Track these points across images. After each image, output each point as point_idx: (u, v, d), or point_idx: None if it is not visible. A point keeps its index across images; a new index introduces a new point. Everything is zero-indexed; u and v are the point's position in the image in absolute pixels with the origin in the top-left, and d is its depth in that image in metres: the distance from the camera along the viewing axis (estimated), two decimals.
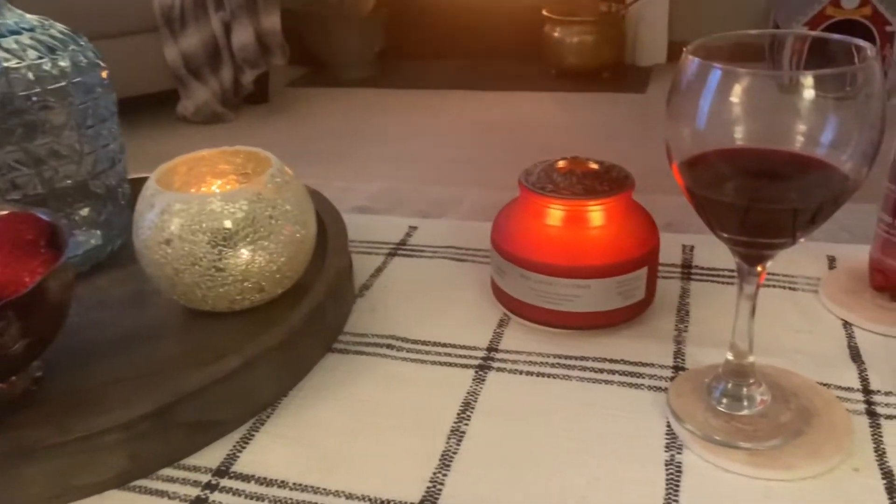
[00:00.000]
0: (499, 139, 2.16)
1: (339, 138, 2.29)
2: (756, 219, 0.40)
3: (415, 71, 2.82)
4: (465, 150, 2.10)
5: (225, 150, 0.61)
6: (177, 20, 2.25)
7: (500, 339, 0.55)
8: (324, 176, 2.07)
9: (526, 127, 2.26)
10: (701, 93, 0.38)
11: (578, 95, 2.53)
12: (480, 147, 2.12)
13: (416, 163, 2.07)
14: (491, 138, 2.17)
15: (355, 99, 2.61)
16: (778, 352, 0.52)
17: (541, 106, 2.48)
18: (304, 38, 2.70)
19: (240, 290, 0.54)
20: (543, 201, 0.53)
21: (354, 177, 1.98)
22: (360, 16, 2.72)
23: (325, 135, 2.33)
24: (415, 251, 0.68)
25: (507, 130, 2.23)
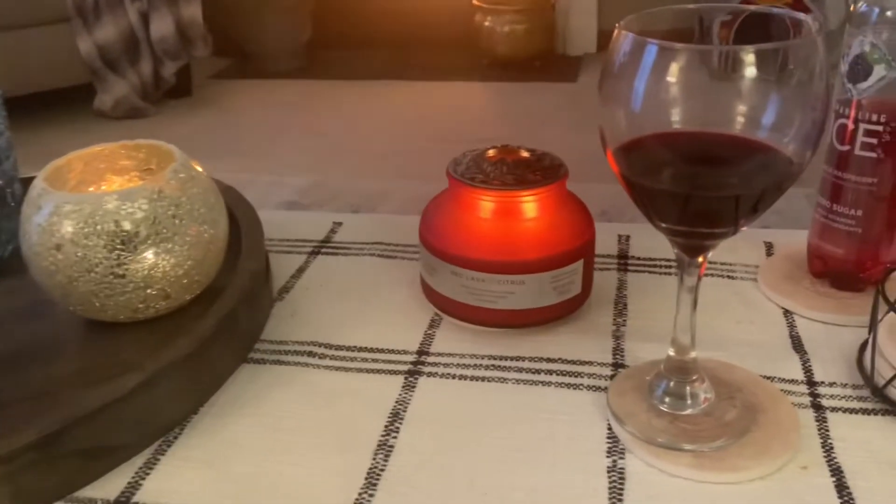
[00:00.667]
0: (430, 130, 2.12)
1: (266, 131, 2.22)
2: (696, 207, 0.37)
3: (343, 61, 2.75)
4: (396, 142, 2.06)
5: (125, 143, 0.55)
6: (90, 10, 2.14)
7: (430, 342, 0.51)
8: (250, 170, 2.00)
9: (458, 117, 2.23)
10: (636, 72, 0.35)
11: (510, 85, 2.51)
12: (412, 138, 2.08)
13: (347, 155, 2.01)
14: (422, 129, 2.13)
15: (283, 90, 2.54)
16: (719, 344, 0.49)
17: (472, 96, 2.45)
18: (227, 28, 2.61)
19: (143, 298, 0.49)
20: (473, 193, 0.49)
21: (283, 171, 1.91)
22: (286, 5, 2.63)
23: (252, 128, 2.25)
24: (339, 249, 0.63)
25: (438, 121, 2.19)
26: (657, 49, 0.34)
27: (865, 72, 0.48)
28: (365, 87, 2.53)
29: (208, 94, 2.52)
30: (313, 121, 2.28)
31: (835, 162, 0.51)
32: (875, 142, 0.49)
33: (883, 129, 0.48)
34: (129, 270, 0.48)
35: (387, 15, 2.82)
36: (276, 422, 0.45)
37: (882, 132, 0.48)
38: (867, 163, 0.49)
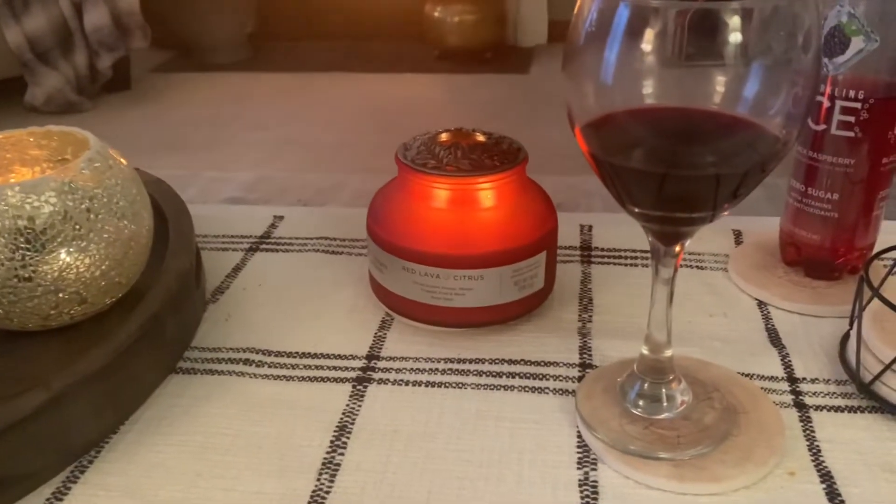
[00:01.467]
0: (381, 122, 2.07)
1: (209, 126, 2.14)
2: (673, 189, 0.33)
3: (290, 53, 2.67)
4: (345, 135, 2.00)
5: (33, 130, 0.49)
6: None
7: (381, 345, 0.47)
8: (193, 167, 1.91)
9: (409, 109, 2.18)
10: (606, 36, 0.31)
11: (461, 77, 2.47)
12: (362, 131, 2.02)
13: (294, 149, 1.95)
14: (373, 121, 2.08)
15: (227, 83, 2.45)
16: (693, 340, 0.46)
17: (423, 87, 2.40)
18: (168, 19, 2.51)
19: (54, 304, 0.43)
20: (425, 180, 0.45)
21: (227, 166, 1.83)
22: None
23: (195, 122, 2.16)
24: (280, 245, 0.58)
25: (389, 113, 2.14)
26: (630, 9, 0.30)
27: (842, 44, 0.44)
28: (312, 79, 2.47)
29: (148, 88, 2.43)
30: (259, 114, 2.21)
31: (809, 143, 0.48)
32: (852, 120, 0.46)
33: (861, 106, 0.45)
34: (37, 272, 0.42)
35: (334, 6, 2.75)
36: (206, 440, 0.40)
37: (860, 110, 0.45)
38: (844, 143, 0.46)
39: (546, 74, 2.46)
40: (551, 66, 2.53)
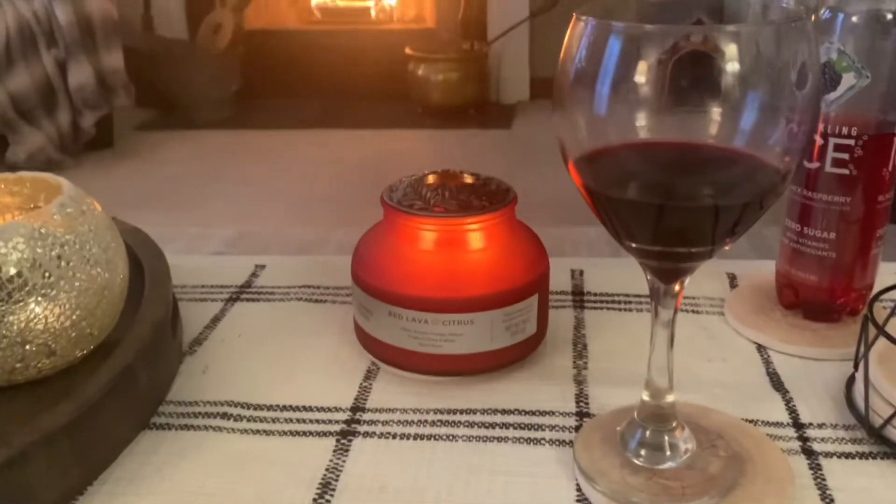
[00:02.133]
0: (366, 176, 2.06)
1: (192, 182, 2.12)
2: (670, 222, 0.32)
3: (275, 111, 2.69)
4: (330, 189, 2.00)
5: (5, 176, 0.48)
6: (2, 58, 2.03)
7: (366, 396, 0.44)
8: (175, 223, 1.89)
9: (393, 164, 2.18)
10: (599, 64, 0.30)
11: (445, 132, 2.49)
12: (346, 185, 2.01)
13: (278, 204, 1.93)
14: (357, 176, 2.08)
15: (211, 141, 2.45)
16: (692, 386, 0.44)
17: (408, 143, 2.41)
18: (153, 78, 2.52)
19: (20, 356, 0.41)
20: (412, 221, 0.43)
21: (210, 222, 1.82)
22: (213, 54, 2.57)
23: (178, 179, 2.15)
24: (262, 294, 0.56)
25: (374, 167, 2.14)
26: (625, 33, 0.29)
27: (833, 81, 0.44)
28: (297, 135, 2.48)
29: (131, 146, 2.42)
30: (243, 170, 2.21)
31: (803, 181, 0.47)
32: (846, 157, 0.45)
33: (854, 143, 0.44)
34: (3, 322, 0.40)
35: (320, 65, 2.78)
36: (181, 499, 0.37)
37: (854, 146, 0.44)
38: (838, 181, 0.46)
39: (529, 129, 2.49)
40: (534, 122, 2.56)
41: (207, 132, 2.52)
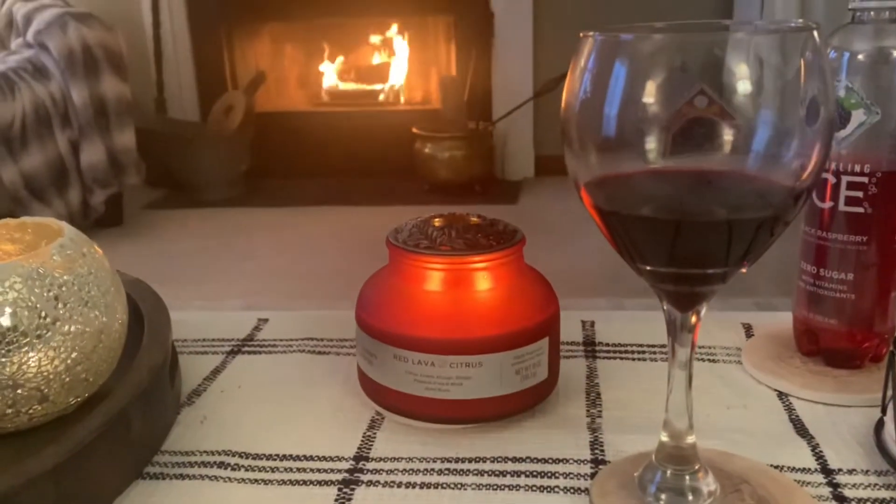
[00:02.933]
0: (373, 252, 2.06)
1: (200, 259, 2.13)
2: (683, 241, 0.31)
3: (284, 189, 2.72)
4: (337, 264, 1.99)
5: (7, 222, 0.47)
6: (17, 139, 2.07)
7: (370, 445, 0.42)
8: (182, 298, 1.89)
9: None
10: (608, 79, 0.29)
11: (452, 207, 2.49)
12: (353, 261, 2.01)
13: (285, 279, 1.93)
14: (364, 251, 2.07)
15: (219, 218, 2.47)
16: (712, 433, 0.42)
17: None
18: (164, 159, 2.56)
19: (11, 401, 0.39)
20: (417, 261, 0.42)
21: (217, 297, 1.81)
22: (224, 135, 2.62)
23: (185, 256, 2.15)
24: (264, 347, 0.55)
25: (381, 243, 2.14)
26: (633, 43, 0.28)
27: (843, 119, 0.43)
28: (305, 212, 2.49)
29: (140, 224, 2.44)
30: (250, 246, 2.21)
31: (817, 221, 0.46)
32: (861, 195, 0.44)
33: (868, 180, 0.44)
34: None
35: (328, 144, 2.83)
36: None
37: (867, 184, 0.44)
38: (854, 219, 0.45)
39: (535, 204, 2.50)
40: (540, 197, 2.58)
41: (216, 210, 2.54)
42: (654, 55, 0.29)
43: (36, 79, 2.09)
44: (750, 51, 0.29)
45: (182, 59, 2.74)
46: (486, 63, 2.73)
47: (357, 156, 2.82)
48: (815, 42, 0.29)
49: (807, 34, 0.28)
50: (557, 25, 2.65)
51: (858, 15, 0.44)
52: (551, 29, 2.66)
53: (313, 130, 2.85)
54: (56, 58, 2.10)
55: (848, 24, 0.44)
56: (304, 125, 2.87)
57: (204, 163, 2.61)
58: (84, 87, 2.10)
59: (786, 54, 0.29)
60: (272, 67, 2.89)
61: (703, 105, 0.29)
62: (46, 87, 2.10)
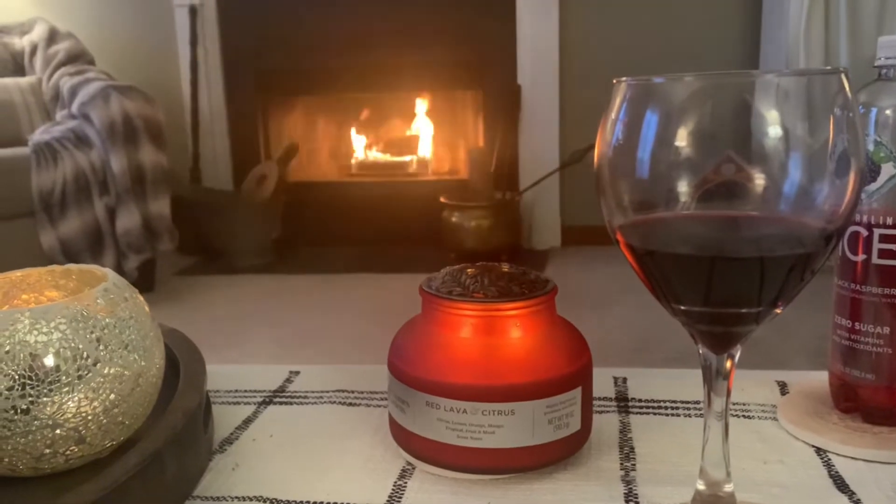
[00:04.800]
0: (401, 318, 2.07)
1: (230, 324, 2.15)
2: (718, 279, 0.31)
3: (313, 257, 2.75)
4: (365, 329, 2.00)
5: (54, 269, 0.49)
6: (56, 205, 2.13)
7: (401, 495, 0.42)
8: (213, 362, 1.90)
9: None
10: (640, 123, 0.30)
11: None
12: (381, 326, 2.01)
13: (314, 344, 1.94)
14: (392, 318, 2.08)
15: (249, 285, 2.50)
16: (750, 486, 0.41)
17: None
18: (197, 226, 2.62)
19: (49, 441, 0.40)
20: (451, 308, 0.43)
21: (246, 361, 1.82)
22: (256, 203, 2.68)
23: (216, 321, 2.17)
24: (295, 398, 0.55)
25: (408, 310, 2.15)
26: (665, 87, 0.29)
27: (873, 172, 0.44)
28: (334, 280, 2.52)
29: (172, 290, 2.48)
30: (280, 312, 2.23)
31: (850, 274, 0.46)
32: (894, 248, 0.44)
33: None
34: (36, 403, 0.39)
35: (356, 213, 2.87)
36: None
37: None
38: (887, 272, 0.44)
39: (562, 273, 2.50)
40: (566, 267, 2.58)
41: (246, 277, 2.58)
42: (685, 99, 0.30)
43: (78, 148, 2.17)
44: (778, 94, 0.29)
45: (218, 130, 2.83)
46: (513, 134, 2.78)
47: (385, 225, 2.86)
48: (844, 86, 0.29)
49: (835, 77, 0.29)
50: (583, 98, 2.70)
51: (884, 72, 0.44)
52: (577, 101, 2.72)
53: (343, 200, 2.90)
54: (98, 128, 2.18)
55: (875, 80, 0.45)
56: (335, 195, 2.92)
57: (236, 230, 2.66)
58: (123, 155, 2.17)
59: (814, 98, 0.30)
60: (304, 139, 2.96)
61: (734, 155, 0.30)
62: (87, 156, 2.17)
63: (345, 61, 2.77)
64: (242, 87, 2.81)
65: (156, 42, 2.81)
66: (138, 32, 2.82)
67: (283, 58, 2.78)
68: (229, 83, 2.82)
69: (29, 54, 2.55)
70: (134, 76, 2.53)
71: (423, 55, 2.76)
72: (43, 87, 2.48)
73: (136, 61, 2.79)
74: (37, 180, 2.11)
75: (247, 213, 2.67)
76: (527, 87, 2.73)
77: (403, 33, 2.73)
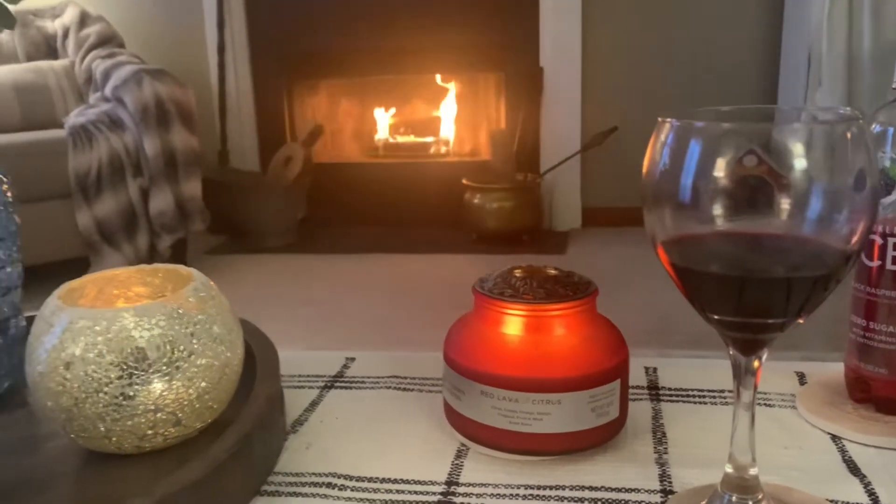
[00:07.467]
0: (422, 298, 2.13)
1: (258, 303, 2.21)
2: (749, 295, 0.36)
3: (337, 237, 2.81)
4: (389, 309, 2.06)
5: (142, 268, 0.54)
6: (92, 186, 2.20)
7: (459, 472, 0.47)
8: None
9: (450, 286, 2.24)
10: (680, 169, 0.35)
11: (499, 257, 2.56)
12: (404, 306, 2.07)
13: (340, 323, 2.00)
14: (414, 298, 2.14)
15: (276, 264, 2.57)
16: (770, 469, 0.46)
17: (463, 266, 2.48)
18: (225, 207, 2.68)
19: (152, 423, 0.46)
20: (504, 307, 0.48)
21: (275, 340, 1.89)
22: (282, 185, 2.73)
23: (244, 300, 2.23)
24: (353, 383, 0.60)
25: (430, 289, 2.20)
26: (704, 130, 0.34)
27: (888, 187, 0.48)
28: (356, 260, 2.57)
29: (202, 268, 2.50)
30: (306, 292, 2.29)
31: (866, 278, 0.50)
32: None
33: None
34: (141, 391, 0.45)
35: (379, 194, 2.92)
36: None
37: None
38: None
39: (582, 254, 2.54)
40: (587, 248, 2.62)
41: (273, 256, 2.64)
42: (722, 138, 0.34)
43: (112, 130, 2.23)
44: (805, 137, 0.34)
45: (245, 112, 2.88)
46: (534, 116, 2.81)
47: (407, 205, 2.91)
48: (861, 127, 0.34)
49: (854, 122, 0.34)
50: (605, 81, 2.73)
51: None
52: (600, 84, 2.74)
53: (366, 181, 2.95)
54: (131, 111, 2.24)
55: (892, 101, 0.49)
56: (358, 176, 2.97)
57: (263, 211, 2.71)
58: (156, 138, 2.23)
59: (834, 137, 0.34)
60: (329, 121, 3.01)
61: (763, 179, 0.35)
62: (121, 139, 2.23)
63: (369, 43, 2.80)
64: (268, 70, 2.86)
65: (183, 25, 2.86)
66: (166, 15, 2.86)
67: (309, 40, 2.82)
68: (256, 66, 2.86)
69: (61, 37, 2.61)
70: (162, 59, 2.58)
71: (446, 37, 2.79)
72: (75, 69, 2.54)
73: (164, 44, 2.84)
74: (73, 162, 2.18)
75: (273, 195, 2.73)
76: (549, 69, 2.76)
77: (427, 16, 2.76)
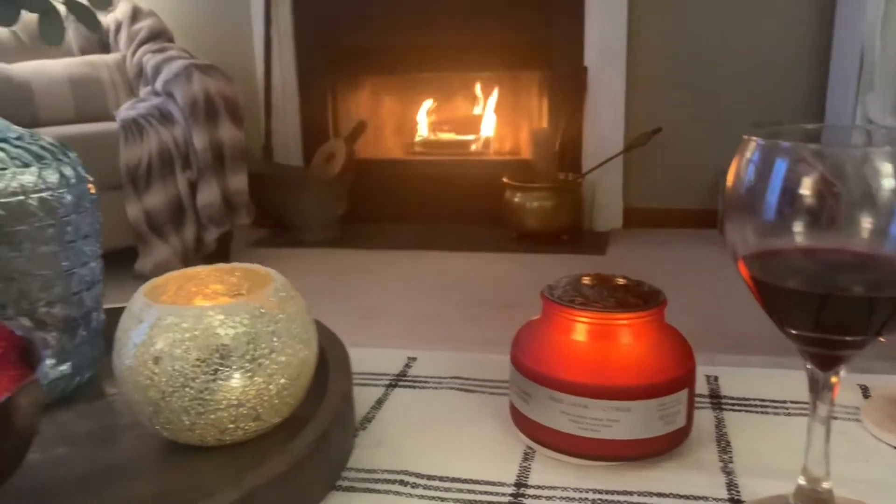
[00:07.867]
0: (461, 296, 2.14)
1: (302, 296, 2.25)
2: (829, 312, 0.36)
3: (378, 233, 2.84)
4: (430, 307, 2.07)
5: (220, 267, 0.56)
6: (142, 178, 2.25)
7: (527, 474, 0.49)
8: None
9: (490, 284, 2.26)
10: (767, 178, 0.35)
11: (539, 256, 2.56)
12: (442, 304, 2.09)
13: (381, 320, 2.02)
14: (453, 296, 2.15)
15: (317, 258, 2.60)
16: (839, 482, 0.46)
17: (502, 265, 2.49)
18: (267, 201, 2.72)
19: (233, 418, 0.47)
20: (574, 315, 0.48)
21: None
22: (324, 180, 2.76)
23: None
24: (417, 382, 0.62)
25: (469, 287, 2.21)
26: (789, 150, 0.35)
27: None
28: (397, 256, 2.59)
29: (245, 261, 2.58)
30: (347, 287, 2.31)
31: None
32: None
33: None
34: (223, 387, 0.47)
35: (420, 191, 2.94)
36: None
37: None
38: None
39: (623, 255, 2.54)
40: (628, 248, 2.61)
41: (314, 250, 2.67)
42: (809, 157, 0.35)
43: (162, 124, 2.28)
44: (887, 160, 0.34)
45: (290, 107, 2.92)
46: (577, 116, 2.80)
47: (448, 203, 2.92)
48: None
49: None
50: (650, 81, 2.71)
51: None
52: (644, 84, 2.72)
53: (407, 177, 2.97)
54: (181, 105, 2.28)
55: None
56: (399, 172, 2.99)
57: (306, 206, 2.75)
58: (204, 132, 2.27)
59: None
60: (371, 117, 3.03)
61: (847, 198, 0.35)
62: (171, 132, 2.28)
63: (413, 40, 2.82)
64: (313, 68, 2.89)
65: (231, 20, 2.90)
66: (214, 11, 2.91)
67: (353, 37, 2.84)
68: (301, 62, 2.90)
69: (114, 32, 2.67)
70: (210, 53, 2.63)
71: (490, 35, 2.79)
72: (127, 63, 2.60)
73: (211, 39, 2.89)
74: (124, 155, 2.23)
75: (315, 190, 2.76)
76: (593, 68, 2.75)
77: (472, 13, 2.77)
